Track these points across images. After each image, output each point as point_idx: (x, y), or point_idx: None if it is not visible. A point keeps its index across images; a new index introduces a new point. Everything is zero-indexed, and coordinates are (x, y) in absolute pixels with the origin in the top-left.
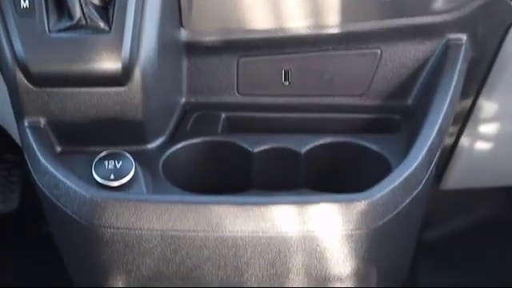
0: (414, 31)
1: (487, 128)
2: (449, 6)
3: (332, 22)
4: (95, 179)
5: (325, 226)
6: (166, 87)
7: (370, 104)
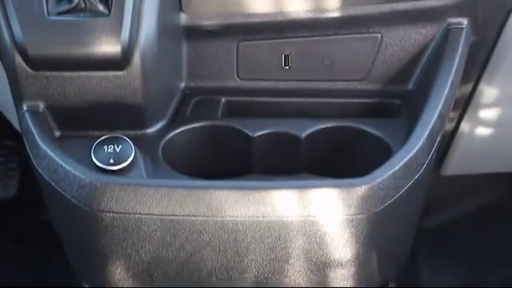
0: (414, 15)
1: (488, 113)
2: None
3: (332, 6)
4: (94, 163)
5: (325, 211)
6: (166, 71)
7: (370, 88)
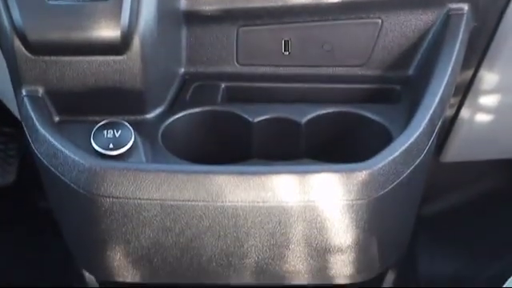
0: (415, 1)
1: (488, 99)
2: None
3: None
4: (94, 148)
5: (325, 196)
6: (166, 56)
7: (370, 74)
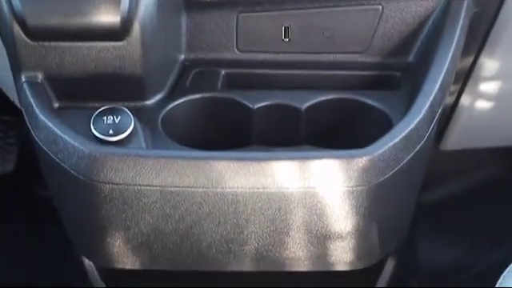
0: None
1: (488, 87)
2: None
3: None
4: (94, 134)
5: (326, 182)
6: (165, 43)
7: (370, 61)
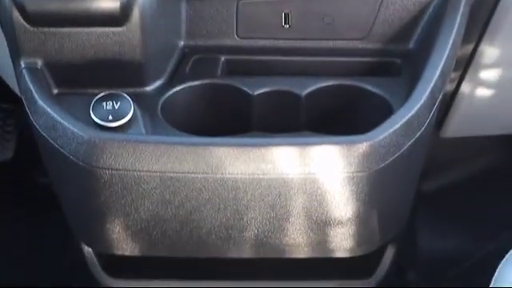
0: None
1: (489, 74)
2: None
3: None
4: (93, 120)
5: (326, 168)
6: (165, 29)
7: (371, 47)
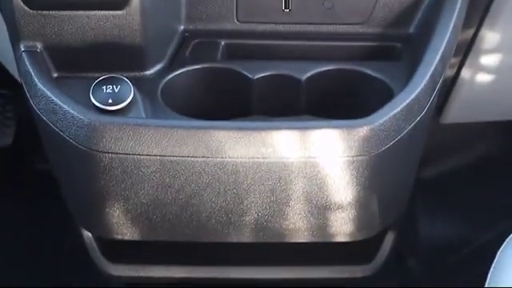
0: None
1: (489, 59)
2: None
3: None
4: (93, 104)
5: (326, 152)
6: (165, 12)
7: (371, 32)
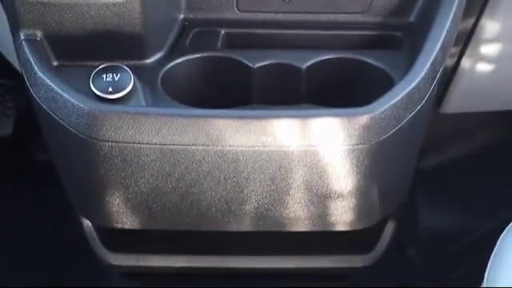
0: None
1: (489, 49)
2: None
3: None
4: (93, 92)
5: (326, 141)
6: (165, 1)
7: (371, 21)
